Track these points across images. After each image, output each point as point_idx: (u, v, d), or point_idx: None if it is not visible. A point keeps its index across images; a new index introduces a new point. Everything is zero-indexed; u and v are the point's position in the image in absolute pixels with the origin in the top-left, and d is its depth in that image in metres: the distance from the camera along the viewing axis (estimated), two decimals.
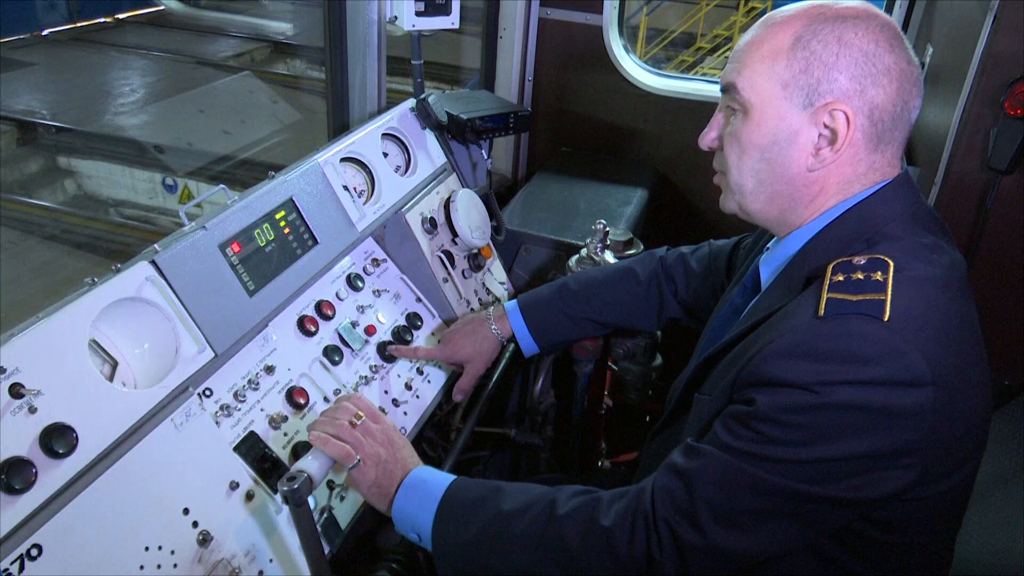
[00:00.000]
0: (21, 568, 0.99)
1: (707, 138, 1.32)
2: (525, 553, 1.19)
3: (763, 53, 1.19)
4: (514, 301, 1.79)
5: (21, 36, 8.99)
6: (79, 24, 9.72)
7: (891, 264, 1.11)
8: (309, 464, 1.23)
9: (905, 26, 2.59)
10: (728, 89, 1.25)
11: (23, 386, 1.04)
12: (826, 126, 1.17)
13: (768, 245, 1.39)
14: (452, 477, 1.31)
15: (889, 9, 2.61)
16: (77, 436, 1.08)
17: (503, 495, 1.25)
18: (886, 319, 1.04)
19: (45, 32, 9.34)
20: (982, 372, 1.15)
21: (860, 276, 1.10)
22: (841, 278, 1.11)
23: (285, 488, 1.17)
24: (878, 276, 1.09)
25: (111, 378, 1.22)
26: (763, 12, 12.81)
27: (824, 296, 1.10)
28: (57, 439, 1.05)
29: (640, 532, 1.13)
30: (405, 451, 1.36)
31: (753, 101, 1.21)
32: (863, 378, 1.03)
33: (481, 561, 1.24)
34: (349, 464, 1.28)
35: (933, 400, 1.03)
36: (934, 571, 1.26)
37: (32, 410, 1.05)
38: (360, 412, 1.34)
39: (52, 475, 1.05)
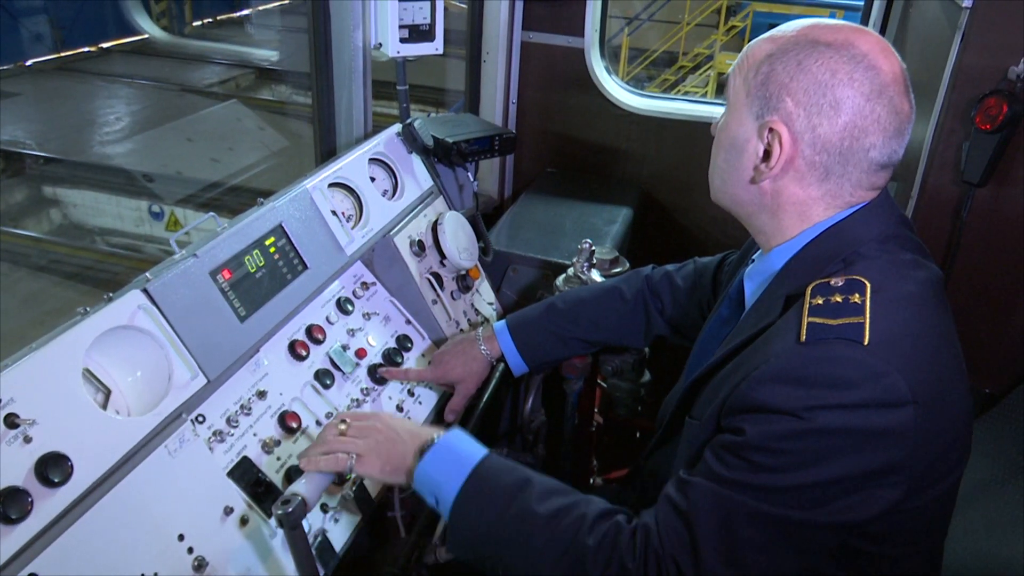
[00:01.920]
0: None
1: (713, 125, 1.36)
2: (543, 564, 1.19)
3: (748, 60, 1.24)
4: (503, 321, 1.81)
5: (5, 67, 8.99)
6: (64, 54, 9.73)
7: (868, 285, 1.13)
8: (303, 487, 1.24)
9: None
10: (727, 80, 1.30)
11: (18, 416, 1.05)
12: (769, 142, 1.20)
13: (753, 257, 1.41)
14: (483, 452, 1.30)
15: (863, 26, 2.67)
16: (72, 465, 1.09)
17: (533, 492, 1.22)
18: (866, 343, 1.07)
19: (29, 62, 9.34)
20: (962, 383, 1.18)
21: (839, 299, 1.13)
22: (820, 301, 1.13)
23: (279, 511, 1.18)
24: (856, 298, 1.12)
25: (105, 406, 1.22)
26: (743, 31, 13.02)
27: (805, 320, 1.12)
28: (52, 468, 1.06)
29: (652, 571, 1.13)
30: (409, 425, 1.37)
31: (730, 100, 1.26)
32: (846, 402, 1.05)
33: (494, 551, 1.23)
34: (345, 468, 1.29)
35: (915, 418, 1.06)
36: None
37: (27, 440, 1.06)
38: (344, 419, 1.36)
39: (48, 504, 1.06)
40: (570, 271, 2.03)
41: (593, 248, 2.01)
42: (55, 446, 1.08)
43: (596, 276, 2.01)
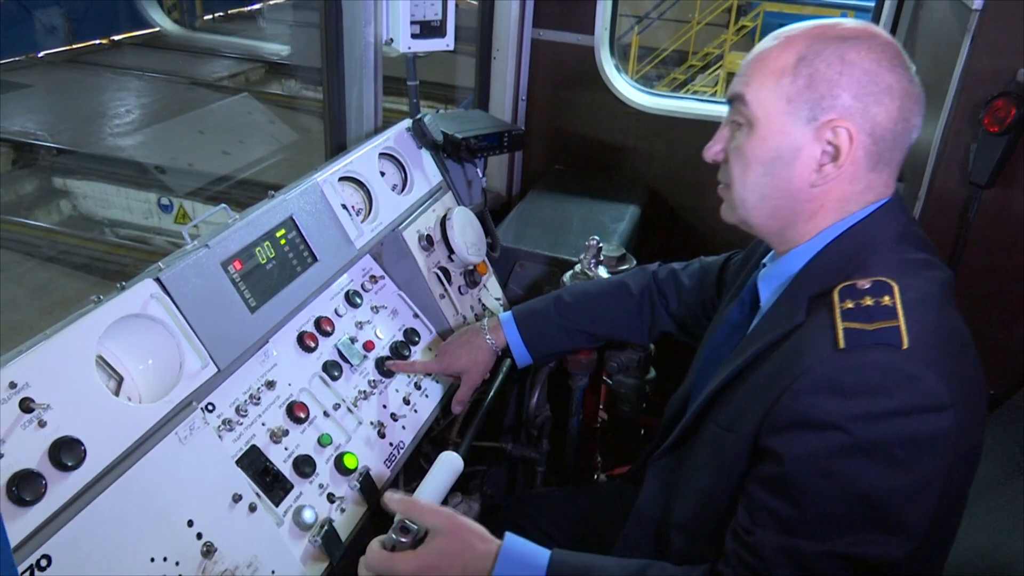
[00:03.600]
0: None
1: (711, 151, 1.33)
2: None
3: (770, 68, 1.21)
4: (509, 312, 1.82)
5: (17, 58, 9.04)
6: (75, 46, 9.77)
7: (895, 286, 1.13)
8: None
9: None
10: (735, 100, 1.27)
11: (33, 400, 1.07)
12: (829, 142, 1.19)
13: (764, 261, 1.41)
14: (545, 558, 1.25)
15: None
16: (85, 449, 1.10)
17: None
18: (904, 347, 1.06)
19: (41, 54, 9.38)
20: (982, 384, 1.18)
21: (869, 302, 1.12)
22: (851, 305, 1.13)
23: (396, 537, 1.25)
24: (886, 300, 1.11)
25: (117, 393, 1.24)
26: (752, 31, 12.99)
27: (839, 326, 1.11)
28: (66, 452, 1.08)
29: None
30: (463, 551, 1.27)
31: (758, 115, 1.22)
32: (890, 409, 1.05)
33: None
34: None
35: (954, 422, 1.06)
36: (929, 569, 1.28)
37: (41, 424, 1.08)
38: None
39: (61, 487, 1.07)
40: (577, 267, 2.04)
41: (600, 245, 2.02)
42: (69, 431, 1.10)
43: (603, 273, 2.02)
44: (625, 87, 2.97)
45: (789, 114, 1.20)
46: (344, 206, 1.76)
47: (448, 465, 1.46)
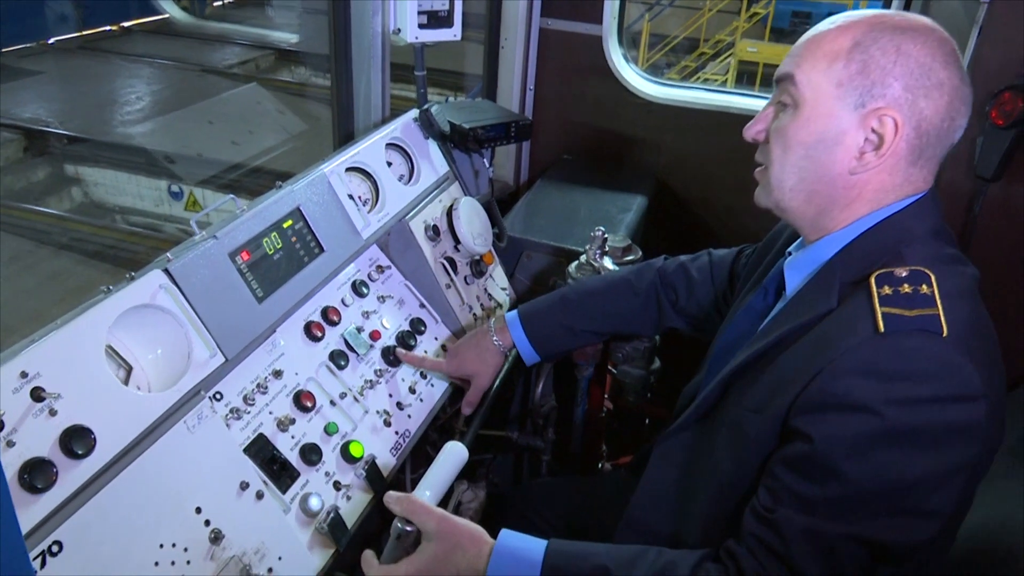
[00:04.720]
0: (43, 564, 1.03)
1: (753, 130, 1.32)
2: None
3: (823, 51, 1.21)
4: (514, 312, 1.83)
5: (28, 45, 9.07)
6: (85, 32, 9.80)
7: (933, 276, 1.14)
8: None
9: None
10: (783, 80, 1.26)
11: (44, 390, 1.09)
12: (874, 131, 1.19)
13: (790, 249, 1.41)
14: (541, 552, 1.26)
15: None
16: (95, 437, 1.12)
17: None
18: (945, 334, 1.07)
19: (51, 40, 9.41)
20: (1003, 376, 1.19)
21: (908, 289, 1.13)
22: (888, 291, 1.13)
23: (402, 525, 1.31)
24: (924, 289, 1.12)
25: (127, 382, 1.26)
26: (765, 18, 12.88)
27: (879, 311, 1.12)
28: (76, 440, 1.09)
29: None
30: (454, 554, 1.29)
31: (806, 96, 1.22)
32: (925, 395, 1.06)
33: None
34: None
35: (985, 411, 1.07)
36: (936, 557, 1.29)
37: (52, 413, 1.09)
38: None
39: (72, 475, 1.09)
40: (582, 258, 2.05)
41: (606, 236, 2.02)
42: (79, 419, 1.12)
43: (608, 264, 2.02)
44: (634, 77, 2.97)
45: (838, 98, 1.20)
46: (351, 196, 1.77)
47: (453, 455, 1.48)
